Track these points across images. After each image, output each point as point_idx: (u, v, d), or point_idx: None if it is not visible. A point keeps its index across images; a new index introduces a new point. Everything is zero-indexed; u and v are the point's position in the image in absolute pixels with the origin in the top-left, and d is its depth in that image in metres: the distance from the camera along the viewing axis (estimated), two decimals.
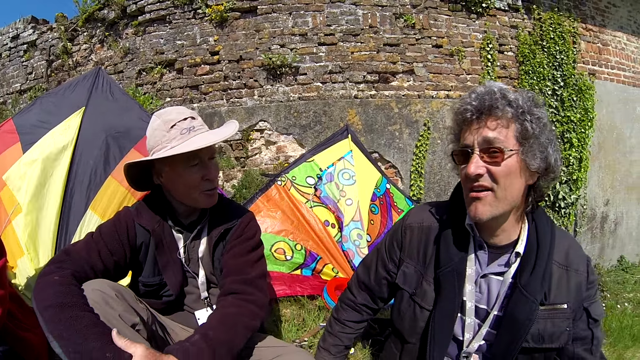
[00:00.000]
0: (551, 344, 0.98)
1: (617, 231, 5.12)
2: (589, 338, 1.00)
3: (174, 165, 1.20)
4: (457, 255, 1.03)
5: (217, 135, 1.23)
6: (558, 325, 0.98)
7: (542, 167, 0.94)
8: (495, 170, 0.92)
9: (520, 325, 0.96)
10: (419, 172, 3.47)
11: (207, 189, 1.23)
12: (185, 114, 1.23)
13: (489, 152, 0.92)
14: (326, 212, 2.81)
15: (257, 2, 3.75)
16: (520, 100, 0.93)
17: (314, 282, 2.62)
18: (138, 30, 4.15)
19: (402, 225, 1.17)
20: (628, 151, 5.10)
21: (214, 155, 1.28)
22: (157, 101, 4.04)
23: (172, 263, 1.27)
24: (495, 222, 1.00)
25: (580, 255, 1.02)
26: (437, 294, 1.05)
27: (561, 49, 4.30)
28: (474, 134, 0.94)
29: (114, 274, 1.20)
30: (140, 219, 1.26)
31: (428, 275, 1.08)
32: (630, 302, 4.16)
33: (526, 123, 0.91)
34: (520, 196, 0.97)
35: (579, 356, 1.00)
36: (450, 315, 1.02)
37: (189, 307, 1.33)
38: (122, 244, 1.21)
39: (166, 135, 1.19)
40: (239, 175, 3.51)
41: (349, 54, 3.57)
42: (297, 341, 2.16)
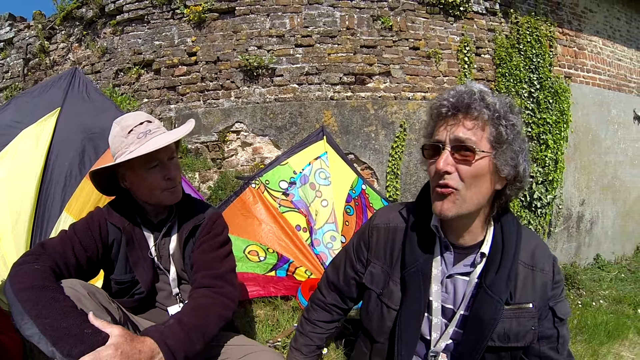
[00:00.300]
0: (517, 342, 0.97)
1: (593, 230, 5.16)
2: (555, 337, 1.00)
3: (135, 168, 1.23)
4: (422, 255, 1.02)
5: (171, 135, 1.25)
6: (523, 324, 0.97)
7: (512, 174, 0.93)
8: (464, 169, 0.90)
9: (486, 325, 0.96)
10: (395, 173, 3.42)
11: (170, 187, 1.26)
12: (141, 118, 1.26)
13: (460, 151, 0.90)
14: (298, 216, 2.78)
15: (235, 3, 3.67)
16: (498, 105, 0.91)
17: (288, 282, 2.61)
18: (116, 30, 4.04)
19: (369, 226, 1.16)
20: (603, 152, 5.14)
21: (174, 155, 1.30)
22: (135, 102, 3.94)
23: (142, 260, 1.29)
24: (461, 223, 0.99)
25: (546, 256, 1.02)
26: (403, 294, 1.04)
27: (538, 53, 4.30)
28: (447, 130, 0.92)
29: (87, 269, 1.22)
30: (111, 217, 1.28)
31: (394, 275, 1.07)
32: (605, 299, 4.19)
33: (501, 128, 0.90)
34: (486, 199, 0.96)
35: (545, 355, 1.00)
36: (416, 315, 1.02)
37: (160, 304, 1.34)
38: (94, 240, 1.23)
39: (124, 140, 1.22)
40: (215, 176, 3.43)
41: (326, 56, 3.51)
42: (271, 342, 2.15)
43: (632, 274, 5.24)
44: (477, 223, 1.00)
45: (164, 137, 1.23)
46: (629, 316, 3.69)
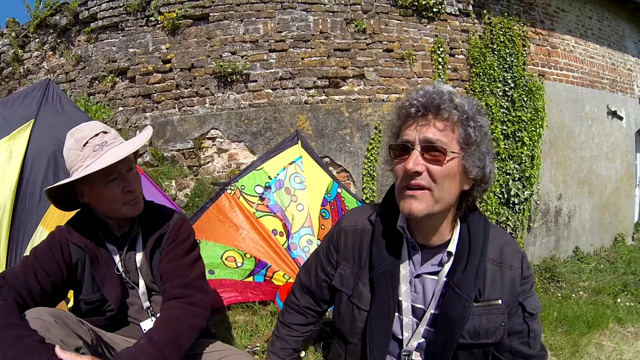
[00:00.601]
0: (487, 339, 0.97)
1: (571, 223, 5.20)
2: (526, 332, 0.99)
3: (93, 183, 1.16)
4: (389, 256, 1.02)
5: (128, 147, 1.19)
6: (493, 320, 0.97)
7: (480, 175, 0.94)
8: (436, 169, 0.89)
9: (455, 323, 0.95)
10: (371, 175, 3.39)
11: (130, 200, 1.21)
12: (96, 129, 1.19)
13: (430, 151, 0.89)
14: (274, 220, 2.75)
15: (209, 9, 3.60)
16: (466, 106, 0.91)
17: (266, 287, 2.58)
18: (90, 38, 3.94)
19: (337, 228, 1.16)
20: (578, 147, 5.18)
21: (132, 165, 1.24)
22: (110, 111, 3.84)
23: (109, 277, 1.23)
24: (428, 224, 0.99)
25: (514, 252, 1.01)
26: (372, 295, 1.03)
27: (511, 52, 4.31)
28: (417, 130, 0.91)
29: (53, 295, 1.17)
30: (72, 237, 1.21)
31: (363, 276, 1.06)
32: (585, 291, 4.22)
33: (469, 129, 0.90)
34: (454, 199, 0.96)
35: (516, 350, 1.00)
36: (386, 315, 1.01)
37: (133, 319, 1.30)
38: (57, 263, 1.17)
39: (80, 154, 1.15)
40: (192, 183, 3.36)
41: (300, 60, 3.45)
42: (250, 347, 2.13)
43: (610, 264, 5.29)
44: (444, 223, 0.99)
45: (121, 149, 1.17)
46: (609, 306, 3.71)
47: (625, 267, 5.03)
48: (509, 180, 4.15)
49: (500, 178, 4.11)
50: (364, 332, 1.04)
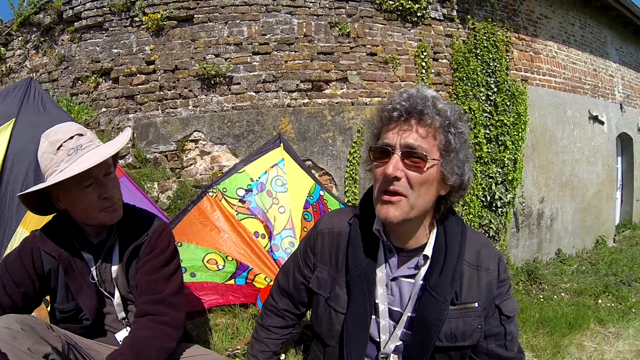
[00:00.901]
0: (464, 342, 0.96)
1: (554, 226, 5.23)
2: (502, 334, 0.98)
3: (68, 189, 1.09)
4: (365, 259, 1.00)
5: (104, 150, 1.11)
6: (470, 323, 0.96)
7: (458, 182, 0.92)
8: (414, 176, 0.88)
9: (431, 326, 0.94)
10: (353, 178, 3.36)
11: (107, 207, 1.14)
12: (71, 131, 1.12)
13: (411, 157, 0.87)
14: (256, 223, 2.71)
15: (194, 11, 3.54)
16: (449, 112, 0.89)
17: (248, 290, 2.55)
18: (74, 37, 3.85)
19: (314, 231, 1.14)
20: (560, 151, 5.22)
21: (110, 170, 1.16)
22: (92, 111, 3.76)
23: (85, 287, 1.18)
24: (404, 228, 0.97)
25: (491, 255, 1.00)
26: (349, 297, 1.01)
27: (494, 57, 4.32)
28: (399, 135, 0.88)
29: (24, 306, 1.13)
30: (45, 245, 1.15)
31: (340, 279, 1.04)
32: (567, 292, 4.23)
33: (450, 136, 0.88)
34: (431, 205, 0.95)
35: (494, 352, 0.99)
36: (362, 318, 1.00)
37: (110, 328, 1.26)
38: (28, 274, 1.12)
39: (54, 158, 1.08)
40: (174, 186, 3.30)
41: (283, 63, 3.41)
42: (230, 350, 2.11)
43: (592, 266, 5.34)
44: (420, 227, 0.98)
45: (97, 153, 1.10)
46: (590, 307, 3.72)
47: (606, 269, 5.07)
48: (492, 184, 4.15)
49: (483, 181, 4.11)
50: (341, 334, 1.02)
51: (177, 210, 3.01)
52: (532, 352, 2.75)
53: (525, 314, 3.33)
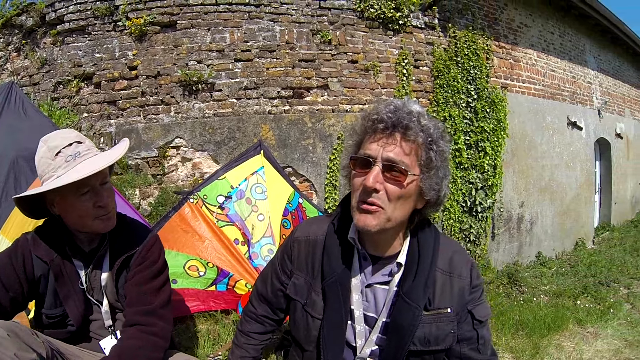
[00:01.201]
0: (437, 346, 0.98)
1: (533, 230, 5.29)
2: (475, 338, 1.01)
3: (64, 195, 1.11)
4: (340, 266, 1.02)
5: (102, 160, 1.13)
6: (442, 328, 0.98)
7: (434, 197, 0.94)
8: (393, 190, 0.89)
9: (405, 331, 0.96)
10: (333, 185, 3.36)
11: (101, 215, 1.15)
12: (70, 138, 1.14)
13: (392, 171, 0.88)
14: (235, 230, 2.71)
15: (177, 17, 3.51)
16: (432, 129, 0.91)
17: (229, 296, 2.56)
18: (56, 40, 3.78)
19: (291, 239, 1.16)
20: (539, 157, 5.29)
21: (106, 179, 1.18)
22: (74, 116, 3.70)
23: (73, 294, 1.19)
24: (380, 237, 0.99)
25: (464, 262, 1.02)
26: (325, 304, 1.03)
27: (475, 65, 4.36)
28: (382, 147, 0.89)
29: (11, 310, 1.13)
30: (37, 250, 1.16)
31: (316, 286, 1.06)
32: (546, 294, 4.25)
33: (431, 153, 0.90)
34: (407, 217, 0.97)
35: (466, 356, 1.01)
36: (338, 323, 1.01)
37: (95, 335, 1.26)
38: (18, 278, 1.12)
39: (51, 163, 1.10)
40: (155, 192, 3.26)
41: (265, 70, 3.39)
42: (212, 356, 2.12)
43: (572, 267, 5.40)
44: (395, 236, 1.01)
45: (95, 162, 1.11)
46: (569, 308, 3.76)
47: (585, 270, 5.12)
48: (472, 189, 4.18)
49: (463, 187, 4.14)
50: (318, 339, 1.04)
51: (158, 216, 2.98)
52: (511, 354, 2.77)
53: (504, 316, 3.36)
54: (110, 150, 1.22)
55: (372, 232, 0.93)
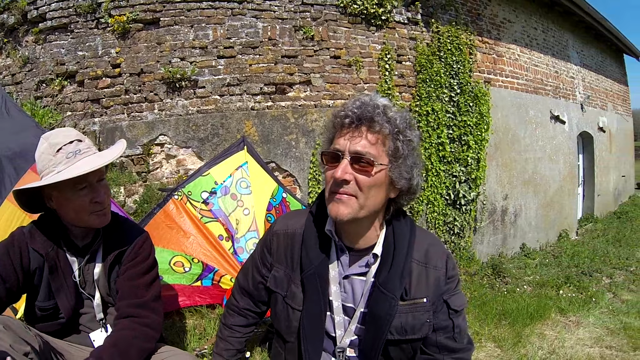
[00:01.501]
0: (414, 335, 1.00)
1: (517, 222, 5.35)
2: (450, 327, 1.03)
3: (62, 190, 1.15)
4: (318, 258, 1.03)
5: (102, 158, 1.19)
6: (419, 317, 1.00)
7: (406, 186, 0.97)
8: (362, 179, 0.91)
9: (382, 320, 0.97)
10: (316, 179, 3.37)
11: (97, 211, 1.19)
12: (71, 136, 1.18)
13: (359, 162, 0.91)
14: (218, 226, 2.71)
15: (160, 14, 3.47)
16: (398, 120, 0.93)
17: (214, 291, 2.57)
18: (38, 39, 3.72)
19: (270, 233, 1.17)
20: (523, 150, 5.35)
21: (103, 177, 1.23)
22: (57, 115, 3.65)
23: (65, 287, 1.22)
24: (354, 228, 1.00)
25: (439, 253, 1.04)
26: (304, 295, 1.05)
27: (458, 59, 4.38)
28: (349, 141, 0.92)
29: (7, 300, 1.16)
30: (33, 242, 1.19)
31: (295, 278, 1.08)
32: (530, 284, 4.29)
33: (399, 143, 0.92)
34: (380, 206, 0.98)
35: (442, 344, 1.03)
36: (317, 314, 1.03)
37: (85, 328, 1.29)
38: (15, 269, 1.15)
39: (52, 159, 1.15)
40: (140, 190, 3.24)
41: (247, 67, 3.38)
42: (198, 350, 2.13)
43: (555, 258, 5.48)
44: (371, 227, 1.02)
45: (94, 160, 1.16)
46: (552, 297, 3.81)
47: (569, 261, 5.19)
48: (456, 182, 4.22)
49: (446, 180, 4.18)
50: (299, 330, 1.05)
51: (144, 214, 2.96)
52: (494, 343, 2.80)
53: (488, 306, 3.39)
54: (108, 150, 1.27)
55: (344, 221, 0.94)
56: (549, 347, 2.71)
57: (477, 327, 2.98)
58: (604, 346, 2.77)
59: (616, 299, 3.98)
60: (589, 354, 2.61)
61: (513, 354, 2.56)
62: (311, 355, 1.03)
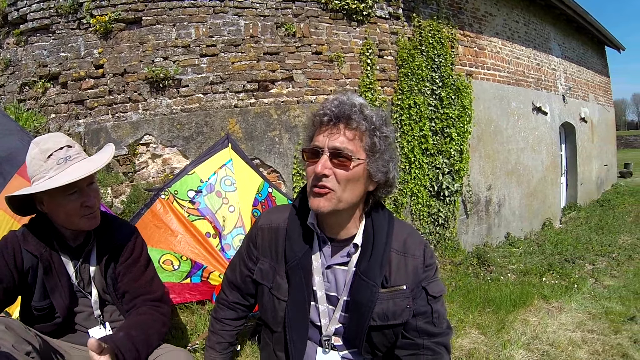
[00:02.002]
0: (395, 320, 1.04)
1: (501, 211, 5.43)
2: (429, 312, 1.07)
3: (53, 195, 1.17)
4: (301, 250, 1.07)
5: (92, 163, 1.21)
6: (399, 304, 1.04)
7: (383, 179, 1.02)
8: (341, 173, 0.96)
9: (364, 307, 1.02)
10: (300, 174, 3.38)
11: (87, 214, 1.22)
12: (61, 142, 1.20)
13: (338, 157, 0.95)
14: (206, 223, 2.74)
15: (142, 13, 3.45)
16: (374, 118, 0.98)
17: (203, 288, 2.60)
18: (20, 40, 3.67)
19: (255, 227, 1.20)
20: (505, 141, 5.41)
21: (93, 180, 1.26)
22: (42, 118, 3.62)
23: (59, 286, 1.25)
24: (335, 219, 1.05)
25: (417, 242, 1.09)
26: (289, 286, 1.08)
27: (439, 53, 4.41)
28: (328, 137, 0.97)
29: (5, 299, 1.18)
30: (26, 244, 1.22)
31: (280, 270, 1.11)
32: (514, 272, 4.32)
33: (375, 138, 0.97)
34: (359, 199, 1.03)
35: (422, 329, 1.07)
36: (301, 304, 1.07)
37: (81, 326, 1.31)
38: (9, 269, 1.18)
39: (43, 165, 1.17)
40: (127, 190, 3.23)
41: (230, 64, 3.37)
42: (190, 345, 2.16)
43: (539, 246, 5.54)
44: (351, 219, 1.06)
45: (85, 166, 1.18)
46: (535, 285, 3.85)
47: (552, 249, 5.26)
48: (439, 174, 4.27)
49: (430, 172, 4.22)
50: (284, 320, 1.09)
51: (131, 214, 2.96)
52: (477, 330, 2.85)
53: (472, 294, 3.44)
54: (97, 155, 1.29)
55: (325, 214, 0.99)
56: (532, 333, 2.76)
57: (461, 315, 3.02)
58: (585, 330, 2.83)
59: (598, 284, 4.04)
60: (571, 338, 2.67)
61: (497, 339, 2.61)
62: (296, 344, 1.07)
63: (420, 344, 1.07)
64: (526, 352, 2.48)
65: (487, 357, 2.38)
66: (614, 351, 2.51)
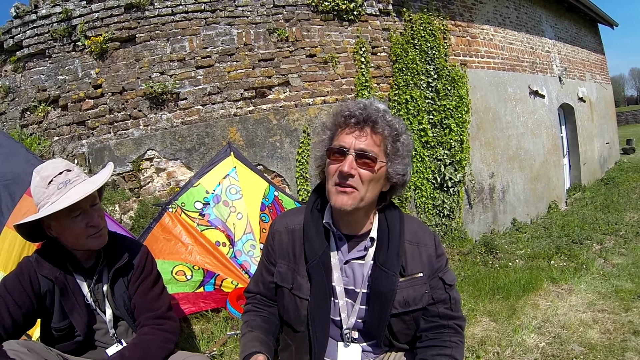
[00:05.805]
0: (415, 306, 1.11)
1: (506, 198, 5.45)
2: (447, 299, 1.14)
3: (59, 219, 1.22)
4: (320, 248, 1.11)
5: (91, 184, 1.25)
6: (418, 290, 1.11)
7: (400, 181, 1.10)
8: (365, 174, 1.02)
9: (386, 296, 1.08)
10: (304, 177, 3.44)
11: (93, 234, 1.26)
12: (60, 167, 1.26)
13: (363, 159, 1.02)
14: (216, 233, 2.79)
15: (135, 31, 3.51)
16: (397, 125, 1.07)
17: (217, 295, 2.65)
18: (17, 67, 3.74)
19: (271, 232, 1.25)
20: (504, 127, 5.43)
21: (96, 201, 1.30)
22: (45, 142, 3.69)
23: (77, 307, 1.29)
24: (353, 217, 1.11)
25: (427, 233, 1.17)
26: (311, 284, 1.12)
27: (432, 45, 4.43)
28: (355, 138, 1.03)
29: (24, 324, 1.22)
30: (41, 269, 1.26)
31: (300, 270, 1.15)
32: (521, 258, 4.30)
33: (397, 144, 1.06)
34: (376, 197, 1.11)
35: (443, 313, 1.14)
36: (324, 300, 1.11)
37: (100, 343, 1.36)
38: (28, 295, 1.22)
39: (45, 191, 1.22)
40: (134, 206, 3.30)
41: (226, 74, 3.43)
42: (208, 352, 2.20)
43: (546, 230, 5.52)
44: (366, 215, 1.13)
45: (84, 187, 1.23)
46: (544, 269, 3.84)
47: (559, 231, 5.22)
48: (441, 166, 4.30)
49: (432, 165, 4.25)
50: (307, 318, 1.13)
51: (141, 229, 3.03)
52: (489, 317, 2.86)
53: (481, 283, 3.44)
54: (96, 175, 1.34)
55: (347, 211, 1.04)
56: (543, 316, 2.77)
57: (472, 303, 3.03)
58: (596, 310, 2.85)
59: (607, 263, 4.04)
60: (582, 319, 2.69)
61: (508, 325, 2.63)
62: (320, 340, 1.11)
63: (444, 324, 1.13)
64: (537, 335, 2.50)
65: (500, 344, 2.40)
66: (625, 329, 2.53)
